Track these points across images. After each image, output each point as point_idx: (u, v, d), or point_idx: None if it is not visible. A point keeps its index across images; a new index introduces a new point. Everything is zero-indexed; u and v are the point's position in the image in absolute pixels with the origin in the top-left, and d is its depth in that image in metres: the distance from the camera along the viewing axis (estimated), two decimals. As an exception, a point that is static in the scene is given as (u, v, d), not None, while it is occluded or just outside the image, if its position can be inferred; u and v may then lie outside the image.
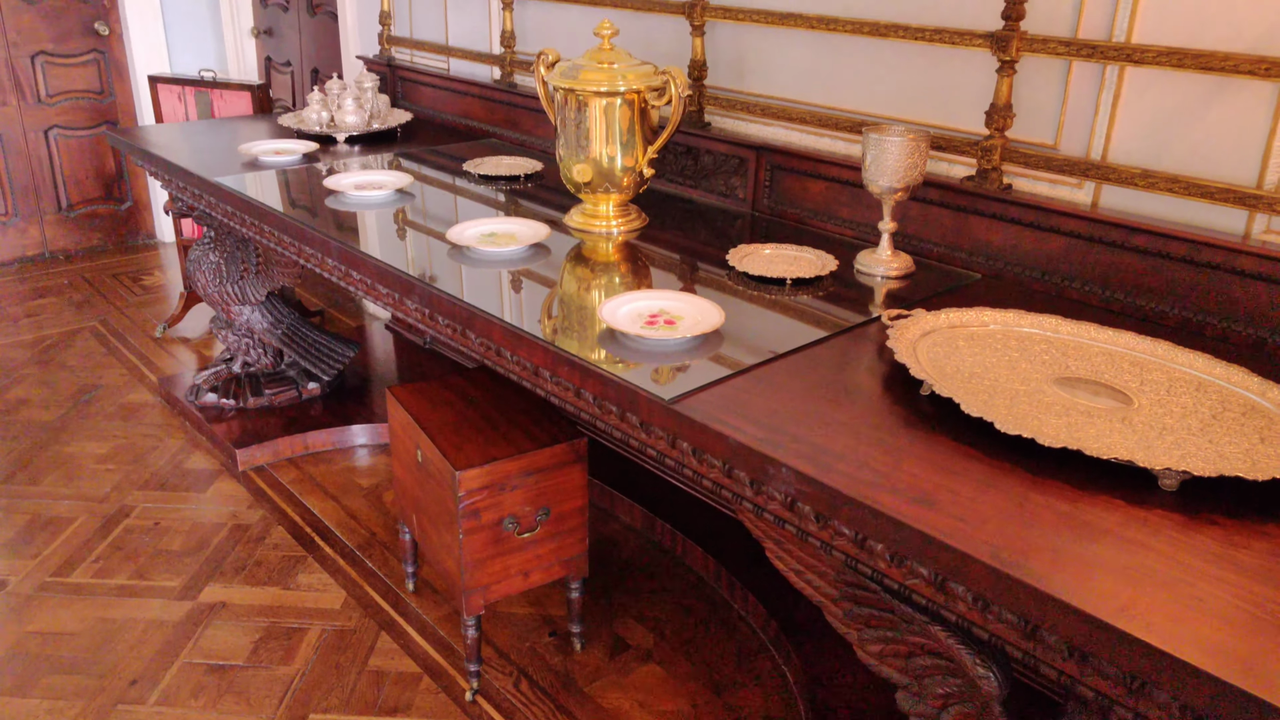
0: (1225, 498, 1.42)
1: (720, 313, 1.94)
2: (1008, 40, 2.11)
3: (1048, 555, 1.28)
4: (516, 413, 2.56)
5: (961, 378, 1.70)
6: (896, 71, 2.41)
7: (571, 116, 2.44)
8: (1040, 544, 1.30)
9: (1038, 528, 1.34)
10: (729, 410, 1.65)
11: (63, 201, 5.71)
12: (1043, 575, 1.24)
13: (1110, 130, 2.05)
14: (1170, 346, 1.78)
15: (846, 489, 1.43)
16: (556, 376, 1.92)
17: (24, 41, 5.34)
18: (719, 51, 2.80)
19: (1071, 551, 1.29)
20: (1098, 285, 2.09)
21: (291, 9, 5.12)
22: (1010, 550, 1.29)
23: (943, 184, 2.31)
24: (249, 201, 2.78)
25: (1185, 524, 1.36)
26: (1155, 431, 1.54)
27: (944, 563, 1.32)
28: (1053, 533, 1.33)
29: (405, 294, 2.26)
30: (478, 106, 3.70)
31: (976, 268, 2.28)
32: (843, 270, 2.28)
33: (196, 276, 3.70)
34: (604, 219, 2.53)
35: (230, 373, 3.91)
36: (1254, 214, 1.88)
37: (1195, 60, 1.88)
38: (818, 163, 2.55)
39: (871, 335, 1.96)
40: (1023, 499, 1.41)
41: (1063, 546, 1.30)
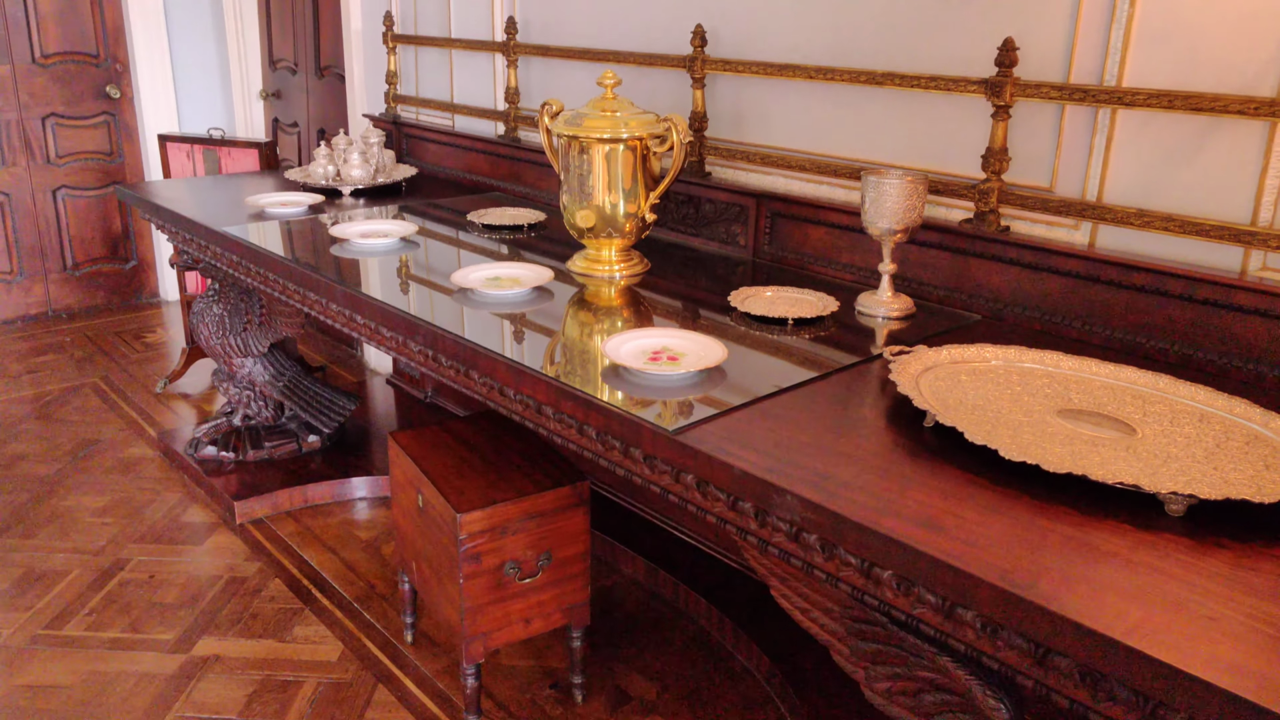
0: (1232, 522, 1.41)
1: (723, 349, 1.95)
2: (1001, 86, 2.16)
3: (1057, 577, 1.27)
4: (518, 457, 2.55)
5: (965, 409, 1.71)
6: (894, 119, 2.46)
7: (575, 163, 2.48)
8: (1049, 566, 1.29)
9: (1045, 551, 1.33)
10: (733, 441, 1.65)
11: (68, 260, 5.76)
12: (1052, 596, 1.23)
13: (1105, 172, 2.09)
14: (1172, 380, 1.79)
15: (852, 514, 1.42)
16: (559, 413, 1.92)
17: (35, 104, 5.45)
18: (719, 103, 2.86)
19: (1080, 574, 1.28)
20: (1098, 324, 2.11)
21: (300, 71, 5.23)
22: (1018, 572, 1.28)
23: (941, 227, 2.34)
24: (254, 249, 2.81)
25: (1194, 547, 1.35)
26: (1160, 459, 1.54)
27: (951, 586, 1.31)
28: (1061, 556, 1.32)
29: (409, 336, 2.27)
30: (482, 161, 3.76)
31: (977, 309, 2.30)
32: (844, 312, 2.29)
33: (199, 329, 3.72)
34: (606, 264, 2.55)
35: (230, 426, 3.90)
36: (1249, 250, 1.91)
37: (1185, 102, 1.92)
38: (817, 209, 2.59)
39: (874, 372, 1.97)
40: (1029, 524, 1.40)
41: (1071, 569, 1.29)
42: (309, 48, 5.09)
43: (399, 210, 3.35)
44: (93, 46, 5.55)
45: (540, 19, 3.44)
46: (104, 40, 5.57)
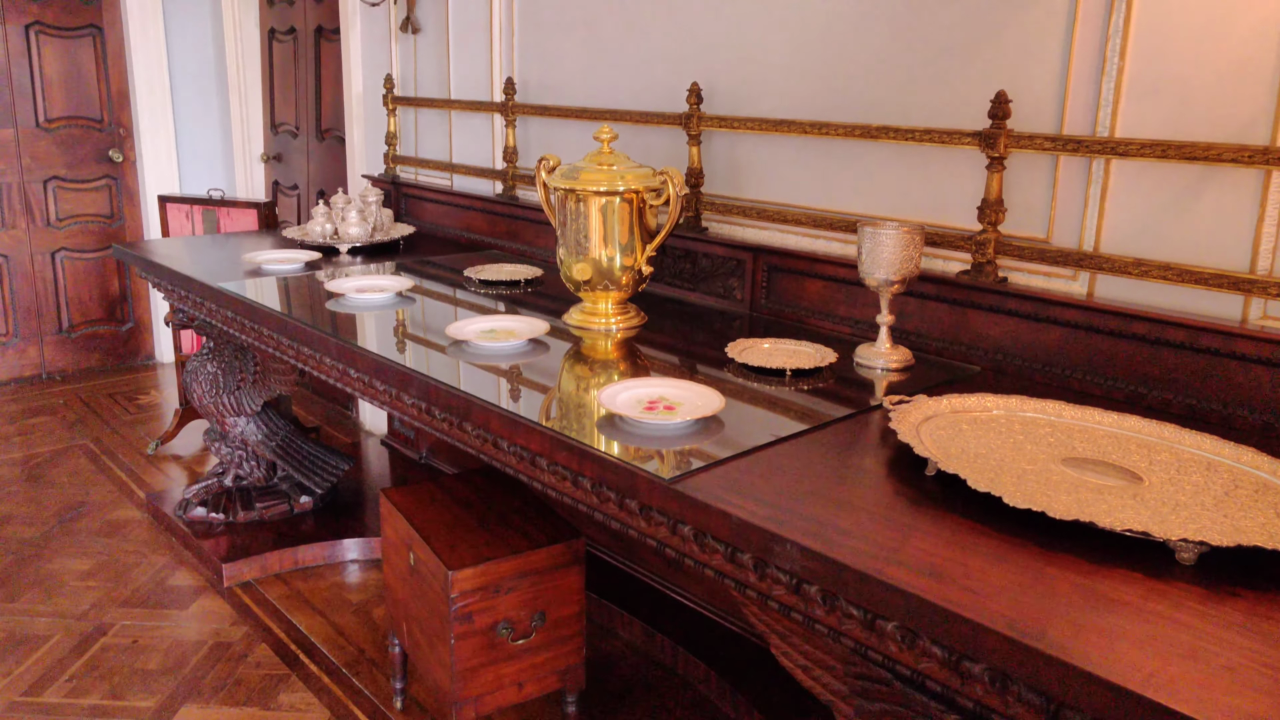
0: (1245, 570, 1.37)
1: (720, 398, 1.92)
2: (995, 138, 2.17)
3: (1067, 626, 1.22)
4: (512, 514, 2.51)
5: (967, 458, 1.67)
6: (889, 172, 2.46)
7: (572, 216, 2.48)
8: (1058, 615, 1.25)
9: (1054, 599, 1.29)
10: (732, 490, 1.61)
11: (64, 323, 5.75)
12: (1063, 646, 1.18)
13: (1101, 221, 2.09)
14: (1177, 429, 1.76)
15: (854, 563, 1.38)
16: (554, 464, 1.88)
17: (38, 167, 5.49)
18: (715, 159, 2.88)
19: (1091, 623, 1.24)
20: (1099, 375, 2.09)
21: (301, 135, 5.28)
22: (1027, 621, 1.23)
23: (939, 279, 2.33)
24: (249, 304, 2.80)
25: (1206, 596, 1.31)
26: (1169, 507, 1.50)
27: (959, 636, 1.26)
28: (1070, 604, 1.28)
29: (403, 388, 2.24)
30: (480, 220, 3.78)
31: (976, 361, 2.28)
32: (842, 364, 2.27)
33: (193, 387, 3.69)
34: (603, 316, 2.54)
35: (221, 486, 3.85)
36: (1250, 299, 1.89)
37: (1179, 151, 1.92)
38: (814, 262, 2.58)
39: (874, 422, 1.94)
40: (1037, 572, 1.36)
41: (1082, 618, 1.25)
42: (310, 111, 5.15)
43: (396, 267, 3.35)
44: (97, 111, 5.62)
45: (538, 80, 3.48)
46: (108, 105, 5.64)
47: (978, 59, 2.25)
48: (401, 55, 4.18)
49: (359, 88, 4.50)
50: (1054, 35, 2.12)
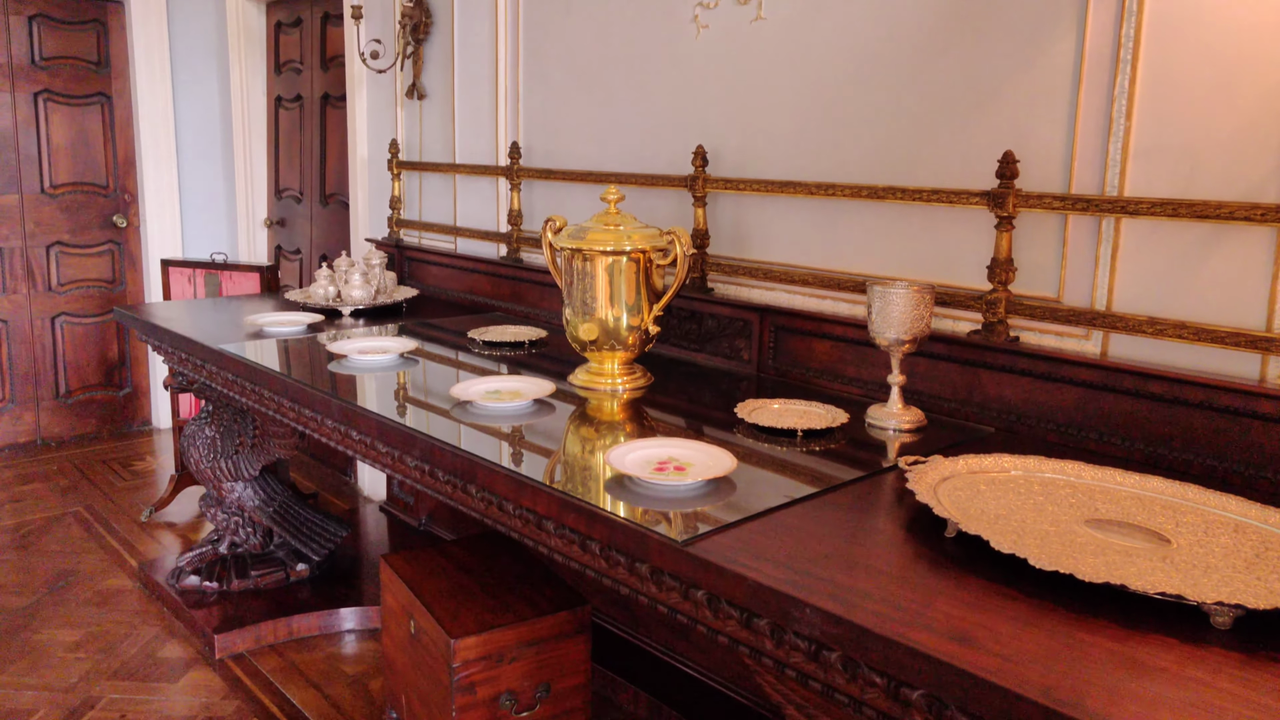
0: (1282, 635, 1.32)
1: (732, 459, 1.88)
2: (1004, 197, 2.16)
3: (1104, 694, 1.17)
4: (517, 581, 2.44)
5: (987, 519, 1.63)
6: (897, 232, 2.46)
7: (578, 276, 2.46)
8: (1094, 683, 1.20)
9: (1088, 666, 1.24)
10: (746, 553, 1.56)
11: (61, 388, 5.71)
12: (1103, 715, 1.13)
13: (1112, 281, 2.07)
14: (1201, 490, 1.72)
15: (877, 627, 1.32)
16: (561, 527, 1.83)
17: (42, 232, 5.51)
18: (720, 221, 2.88)
19: (1129, 690, 1.18)
20: (1116, 436, 2.05)
21: (305, 200, 5.31)
22: (1061, 689, 1.18)
23: (949, 339, 2.31)
24: (249, 365, 2.76)
25: (1246, 662, 1.25)
26: (1200, 570, 1.45)
27: (990, 706, 1.20)
28: (1105, 671, 1.22)
29: (405, 450, 2.20)
30: (484, 282, 3.77)
31: (989, 422, 2.24)
32: (853, 425, 2.23)
33: (190, 452, 3.64)
34: (609, 377, 2.51)
35: (216, 554, 3.77)
36: (1268, 357, 1.86)
37: (1189, 209, 1.91)
38: (822, 322, 2.56)
39: (889, 483, 1.89)
40: (1068, 637, 1.31)
41: (1118, 685, 1.19)
42: (314, 177, 5.19)
43: (399, 329, 3.33)
44: (103, 177, 5.66)
45: (543, 144, 3.50)
46: (114, 171, 5.68)
47: (984, 119, 2.26)
48: (406, 120, 4.22)
49: (364, 153, 4.53)
50: (1059, 96, 2.13)
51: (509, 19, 3.57)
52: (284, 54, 5.40)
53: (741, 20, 2.75)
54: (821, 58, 2.57)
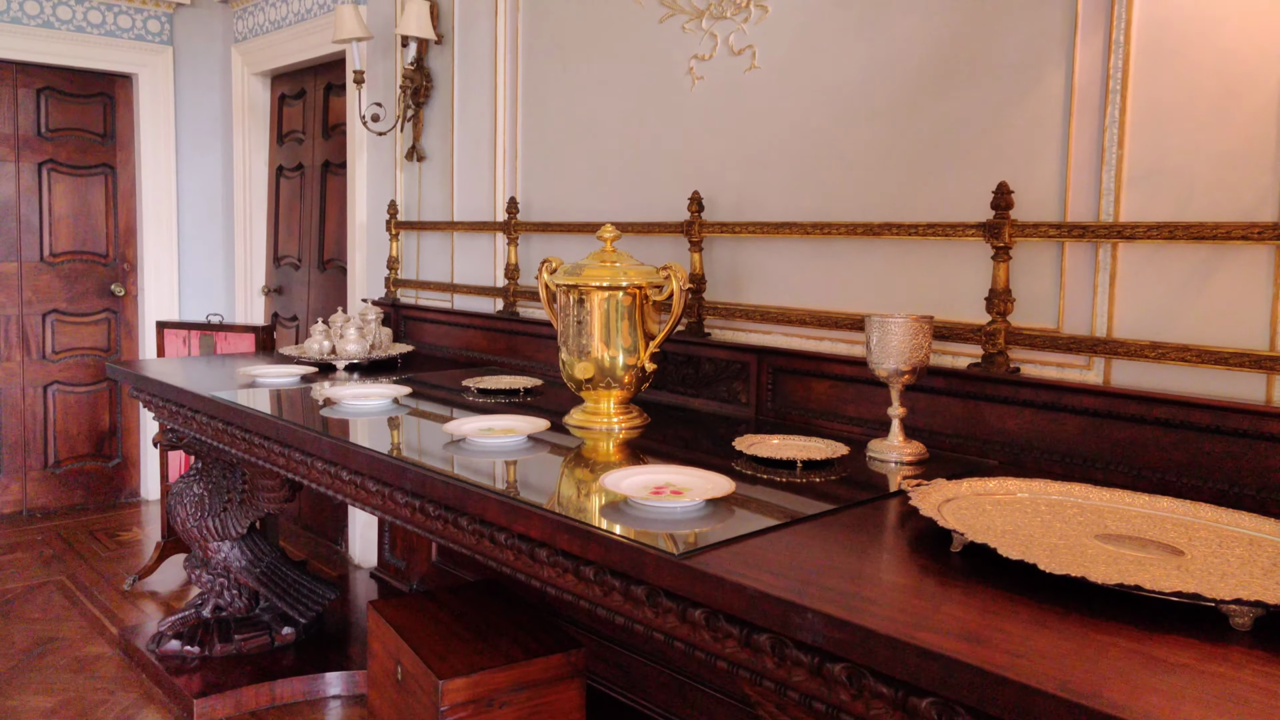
0: (1307, 634, 1.26)
1: (730, 482, 1.83)
2: (999, 227, 2.16)
3: (1123, 687, 1.11)
4: (509, 626, 2.36)
5: (994, 533, 1.58)
6: (894, 269, 2.45)
7: (573, 314, 2.45)
8: (1112, 677, 1.14)
9: (1105, 663, 1.18)
10: (746, 565, 1.51)
11: (50, 458, 5.63)
12: (1123, 705, 1.07)
13: (1111, 307, 2.06)
14: (1213, 508, 1.67)
15: (882, 629, 1.27)
16: (554, 553, 1.78)
17: (39, 300, 5.51)
18: (717, 265, 2.88)
19: (1149, 684, 1.13)
20: (1122, 464, 2.01)
21: (303, 266, 5.34)
22: (1079, 683, 1.12)
23: (949, 372, 2.28)
24: (239, 410, 2.72)
25: (1269, 659, 1.20)
26: (1216, 576, 1.40)
27: (1005, 703, 1.14)
28: (1123, 667, 1.17)
29: (397, 485, 2.15)
30: (480, 338, 3.76)
31: (992, 455, 2.20)
32: (854, 458, 2.19)
33: (177, 510, 3.57)
34: (605, 416, 2.47)
35: (199, 618, 3.66)
36: (1273, 376, 1.84)
37: (1186, 231, 1.91)
38: (821, 361, 2.54)
39: (892, 507, 1.85)
40: (1082, 637, 1.25)
41: (1138, 679, 1.14)
42: (314, 242, 5.22)
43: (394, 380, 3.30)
44: (103, 247, 5.69)
45: (541, 198, 3.53)
46: (114, 240, 5.71)
47: (977, 156, 2.28)
48: (406, 182, 4.27)
49: (363, 216, 4.57)
50: (1052, 129, 2.15)
51: (508, 78, 3.64)
52: (287, 125, 5.49)
53: (736, 70, 2.80)
54: (815, 103, 2.61)
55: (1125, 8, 2.01)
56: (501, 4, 3.63)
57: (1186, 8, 1.95)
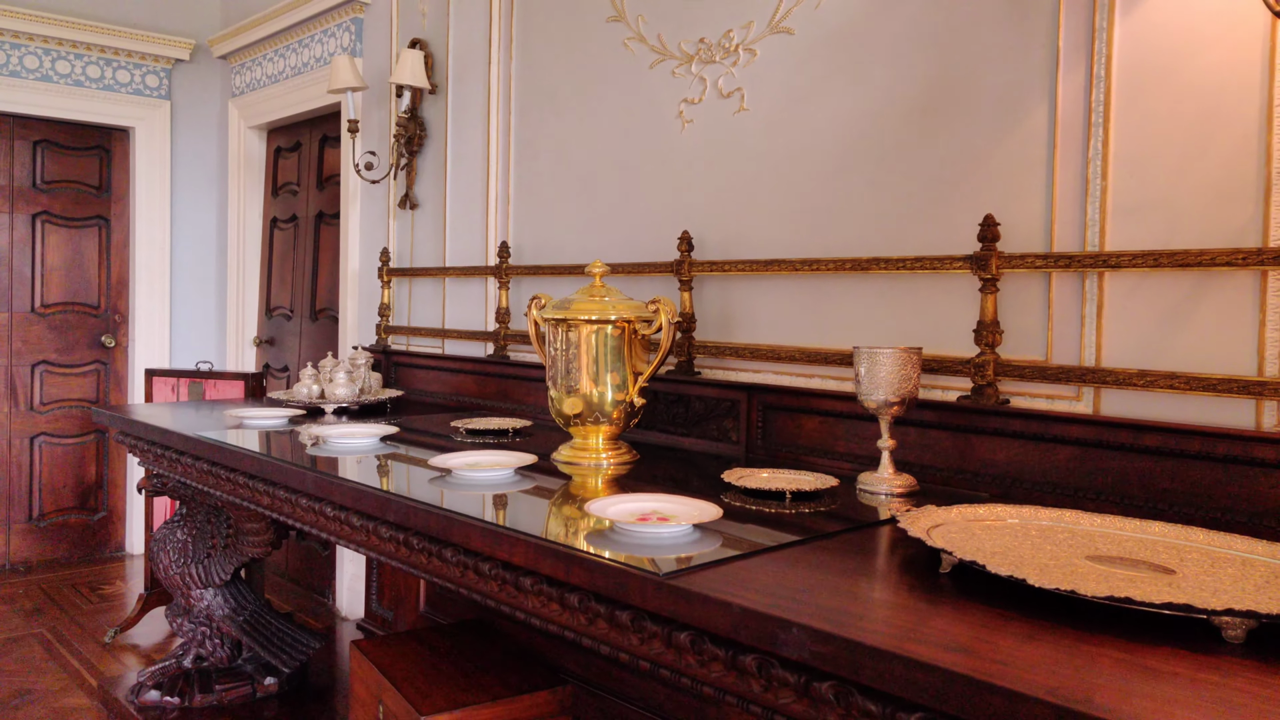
0: (1302, 646, 1.24)
1: (717, 509, 1.81)
2: (986, 259, 2.17)
3: (1114, 694, 1.09)
4: (494, 662, 2.32)
5: (984, 554, 1.55)
6: (883, 305, 2.46)
7: (561, 348, 2.44)
8: (1102, 685, 1.11)
9: (1095, 671, 1.15)
10: (732, 584, 1.48)
11: (35, 511, 5.57)
12: (1113, 710, 1.04)
13: (1100, 337, 2.06)
14: (1205, 532, 1.65)
15: (869, 640, 1.24)
16: (539, 581, 1.75)
17: (28, 351, 5.50)
18: (706, 305, 2.88)
19: (1141, 690, 1.10)
20: (1113, 494, 1.99)
21: (295, 316, 5.34)
22: (1069, 689, 1.09)
23: (939, 405, 2.27)
24: (223, 448, 2.70)
25: (1262, 668, 1.17)
26: (1208, 592, 1.38)
27: (994, 711, 1.11)
28: (1114, 676, 1.14)
29: (380, 518, 2.12)
30: (471, 382, 3.75)
31: (983, 487, 2.18)
32: (844, 490, 2.17)
33: (160, 557, 3.51)
34: (594, 452, 2.45)
35: (180, 668, 3.58)
36: (1261, 402, 1.83)
37: (1171, 259, 1.92)
38: (811, 397, 2.53)
39: (882, 533, 1.82)
40: (1072, 649, 1.23)
41: (1129, 686, 1.11)
42: (306, 292, 5.24)
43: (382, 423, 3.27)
44: (94, 298, 5.70)
45: (533, 242, 3.55)
46: (106, 292, 5.72)
47: (964, 188, 2.30)
48: (398, 230, 4.29)
49: (356, 264, 4.59)
50: (1036, 164, 2.17)
51: (500, 125, 3.68)
52: (282, 177, 5.54)
53: (725, 112, 2.84)
54: (803, 143, 2.64)
55: (1105, 42, 2.05)
56: (495, 54, 3.69)
57: (1166, 41, 1.98)
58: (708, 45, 2.90)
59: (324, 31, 4.74)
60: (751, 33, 2.78)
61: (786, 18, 2.69)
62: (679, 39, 2.99)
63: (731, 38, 2.83)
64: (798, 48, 2.66)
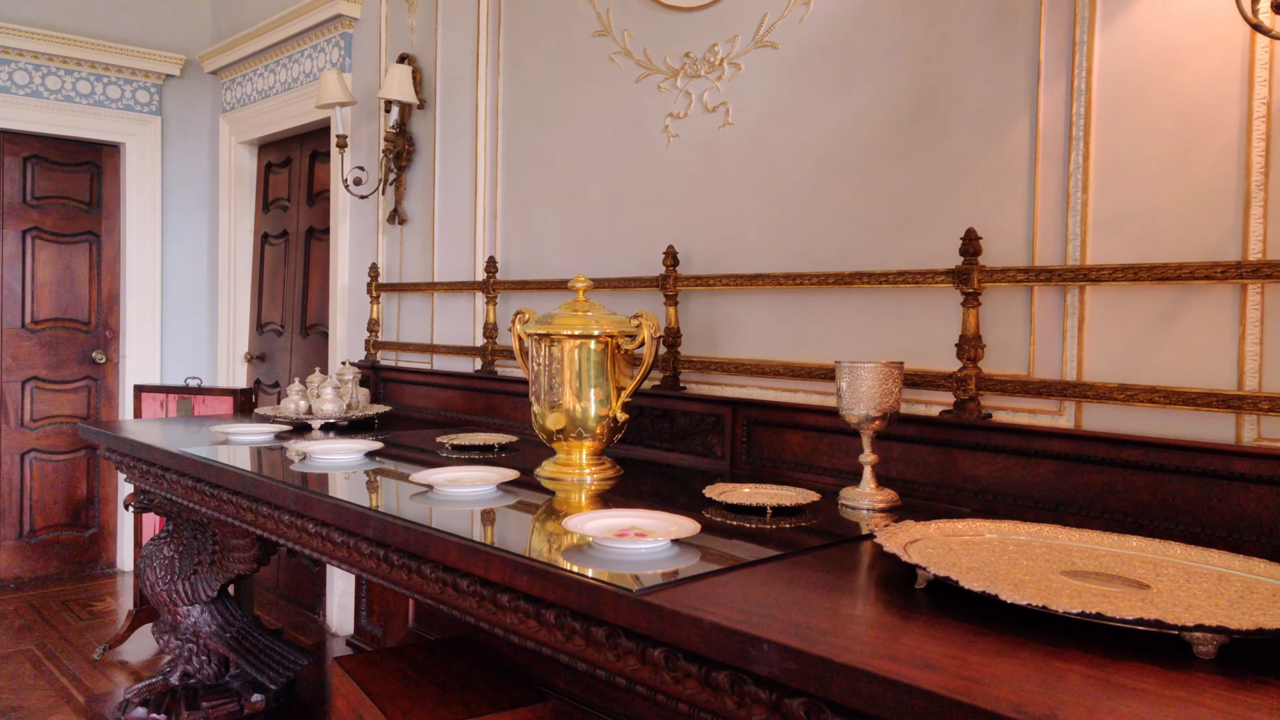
0: (1270, 662, 1.23)
1: (695, 524, 1.80)
2: (968, 273, 2.17)
3: (1080, 711, 1.08)
4: (475, 679, 2.30)
5: (959, 570, 1.55)
6: (866, 319, 2.46)
7: (544, 363, 2.44)
8: (1070, 700, 1.11)
9: (1063, 688, 1.15)
10: (704, 601, 1.47)
11: (26, 527, 5.55)
12: (1080, 726, 1.03)
13: (1081, 351, 2.06)
14: (1183, 546, 1.65)
15: (837, 657, 1.23)
16: (515, 597, 1.74)
17: (18, 367, 5.49)
18: (692, 319, 2.88)
19: (1108, 706, 1.09)
20: (1094, 509, 1.98)
21: (285, 331, 5.34)
22: (1035, 705, 1.09)
23: (922, 419, 2.27)
24: (207, 464, 2.69)
25: (1233, 685, 1.17)
26: (1181, 607, 1.37)
27: (960, 729, 1.10)
28: (1082, 693, 1.14)
29: (360, 531, 2.11)
30: (458, 398, 3.74)
31: (965, 502, 2.18)
32: (826, 505, 2.16)
33: (147, 574, 3.50)
34: (577, 467, 2.44)
35: (167, 685, 3.56)
36: (1241, 416, 1.83)
37: (1150, 273, 1.92)
38: (795, 412, 2.52)
39: (861, 549, 1.82)
40: (1041, 665, 1.22)
41: (1097, 702, 1.10)
42: (296, 307, 5.23)
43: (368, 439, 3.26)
44: (85, 314, 5.69)
45: (520, 257, 3.55)
46: (97, 308, 5.72)
47: (947, 201, 2.30)
48: (387, 245, 4.30)
49: (345, 280, 4.59)
50: (1018, 177, 2.18)
51: (488, 140, 3.69)
52: (273, 192, 5.55)
53: (710, 127, 2.85)
54: (788, 157, 2.64)
55: (1086, 55, 2.06)
56: (483, 69, 3.70)
57: (1146, 54, 1.99)
58: (693, 60, 2.91)
59: (313, 47, 4.75)
60: (736, 47, 2.79)
61: (771, 32, 2.70)
62: (664, 53, 3.00)
63: (716, 52, 2.84)
64: (782, 62, 2.67)
